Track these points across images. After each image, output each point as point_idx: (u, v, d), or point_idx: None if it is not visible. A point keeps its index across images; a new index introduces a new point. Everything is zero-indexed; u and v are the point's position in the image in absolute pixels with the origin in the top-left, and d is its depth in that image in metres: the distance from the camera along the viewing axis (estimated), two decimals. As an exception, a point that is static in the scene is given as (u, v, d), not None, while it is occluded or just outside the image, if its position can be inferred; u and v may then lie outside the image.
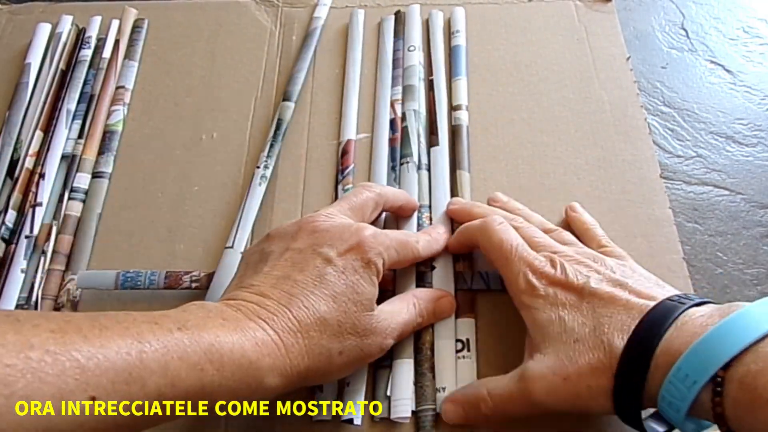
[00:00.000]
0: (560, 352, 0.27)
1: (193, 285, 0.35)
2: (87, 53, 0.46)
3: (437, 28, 0.46)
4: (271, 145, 0.41)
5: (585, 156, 0.40)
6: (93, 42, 0.47)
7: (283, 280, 0.27)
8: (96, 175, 0.41)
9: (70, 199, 0.40)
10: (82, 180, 0.40)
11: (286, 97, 0.43)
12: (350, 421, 0.30)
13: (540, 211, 0.38)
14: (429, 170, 0.40)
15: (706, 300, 0.26)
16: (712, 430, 0.25)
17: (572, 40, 0.46)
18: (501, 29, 0.47)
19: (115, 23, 0.48)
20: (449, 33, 0.46)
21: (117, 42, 0.47)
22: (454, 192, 0.39)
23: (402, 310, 0.31)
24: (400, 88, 0.43)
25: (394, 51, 0.45)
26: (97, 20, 0.48)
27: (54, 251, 0.37)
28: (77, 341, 0.21)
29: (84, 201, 0.40)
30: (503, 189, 0.39)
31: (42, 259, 0.37)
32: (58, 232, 0.38)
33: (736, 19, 0.49)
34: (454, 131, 0.41)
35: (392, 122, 0.42)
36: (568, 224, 0.37)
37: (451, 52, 0.45)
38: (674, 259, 0.36)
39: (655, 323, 0.25)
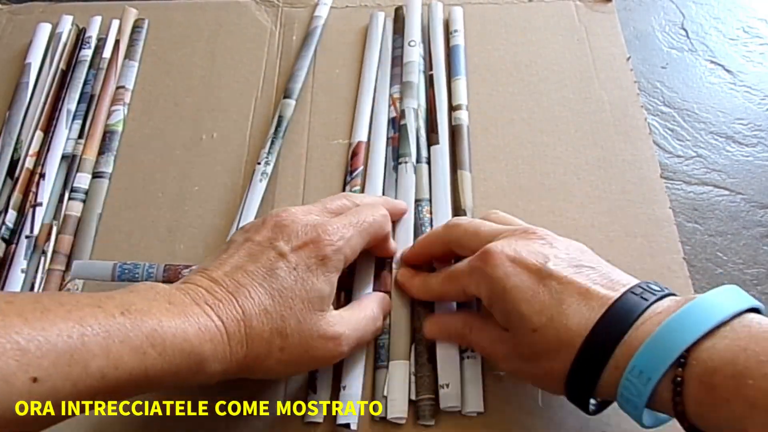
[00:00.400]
0: (521, 340, 0.27)
1: (193, 283, 0.35)
2: (87, 53, 0.46)
3: (438, 21, 0.46)
4: (272, 142, 0.41)
5: (585, 156, 0.40)
6: (93, 42, 0.47)
7: (235, 270, 0.28)
8: (96, 175, 0.41)
9: (70, 199, 0.40)
10: (83, 180, 0.40)
11: (286, 95, 0.43)
12: (347, 425, 0.30)
13: (540, 211, 0.38)
14: (429, 164, 0.40)
15: (668, 292, 0.26)
16: (670, 424, 0.25)
17: (572, 40, 0.46)
18: (501, 29, 0.47)
19: (115, 23, 0.48)
20: (448, 32, 0.46)
21: (117, 42, 0.47)
22: (455, 192, 0.39)
23: (360, 315, 0.30)
24: (399, 86, 0.43)
25: (393, 48, 0.45)
26: (97, 20, 0.48)
27: (54, 251, 0.38)
28: (17, 324, 0.21)
29: (84, 201, 0.40)
30: (503, 189, 0.39)
31: (42, 259, 0.37)
32: (59, 232, 0.38)
33: (736, 19, 0.49)
34: (455, 131, 0.41)
35: (393, 120, 0.42)
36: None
37: (449, 52, 0.45)
38: (674, 259, 0.36)
39: (617, 322, 0.24)
